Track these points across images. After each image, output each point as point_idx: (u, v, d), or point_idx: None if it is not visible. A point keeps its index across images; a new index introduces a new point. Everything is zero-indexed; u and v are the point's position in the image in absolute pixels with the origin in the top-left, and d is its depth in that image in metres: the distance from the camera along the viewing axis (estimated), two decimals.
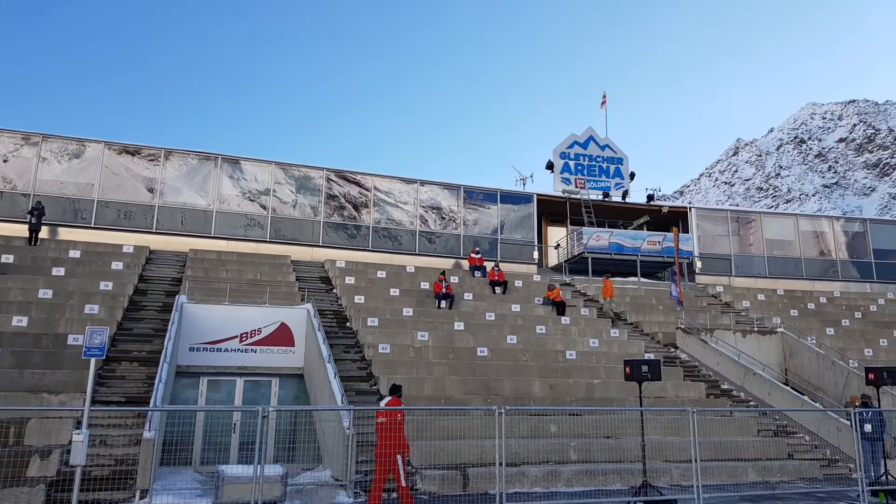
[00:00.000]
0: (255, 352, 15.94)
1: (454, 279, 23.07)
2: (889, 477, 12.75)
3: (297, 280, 21.30)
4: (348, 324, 18.76)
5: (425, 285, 21.90)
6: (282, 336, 16.27)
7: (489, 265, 24.15)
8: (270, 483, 9.51)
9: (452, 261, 25.84)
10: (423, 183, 26.85)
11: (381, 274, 22.82)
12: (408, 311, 19.37)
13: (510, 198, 27.93)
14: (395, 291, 21.12)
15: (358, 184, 26.18)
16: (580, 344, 19.15)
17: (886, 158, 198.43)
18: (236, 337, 15.79)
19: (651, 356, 18.45)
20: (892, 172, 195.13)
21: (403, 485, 9.50)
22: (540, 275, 26.22)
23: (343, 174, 26.13)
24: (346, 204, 25.87)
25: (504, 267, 24.73)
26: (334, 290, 21.47)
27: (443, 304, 20.46)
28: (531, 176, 29.73)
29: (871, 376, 13.57)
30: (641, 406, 12.52)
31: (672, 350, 21.07)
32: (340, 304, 20.25)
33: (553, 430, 14.23)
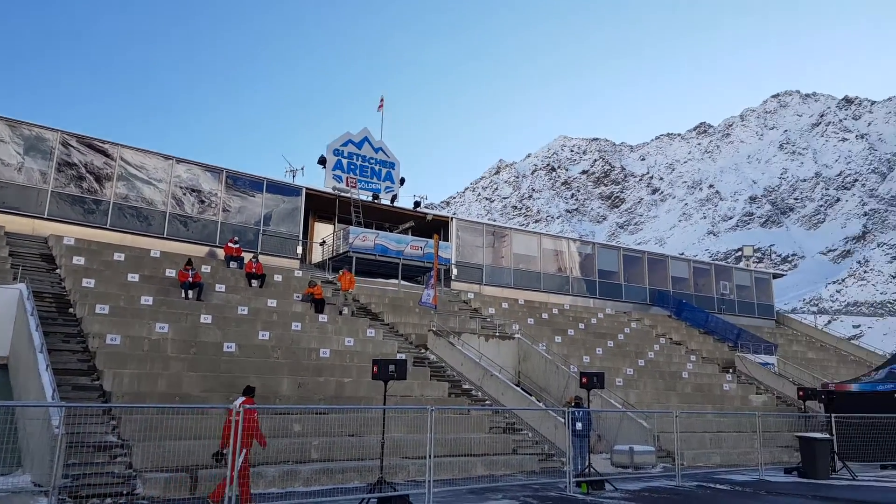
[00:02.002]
0: None
1: (206, 269, 21.61)
2: (592, 469, 14.50)
3: (10, 256, 18.28)
4: (72, 310, 16.55)
5: (172, 272, 20.17)
6: None
7: (247, 256, 23.05)
8: None
9: (207, 248, 24.18)
10: (180, 161, 24.74)
11: (120, 256, 20.52)
12: (147, 300, 17.66)
13: (278, 188, 26.99)
14: (133, 277, 19.14)
15: (104, 153, 23.31)
16: (335, 342, 19.05)
17: (617, 192, 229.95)
18: None
19: (402, 356, 18.96)
20: (620, 205, 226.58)
21: (233, 476, 9.39)
22: (302, 270, 25.69)
23: (86, 140, 23.07)
24: (87, 174, 22.88)
25: (265, 260, 23.79)
26: (58, 271, 18.84)
27: (190, 294, 19.02)
28: (302, 169, 29.05)
29: (584, 380, 15.33)
30: (385, 405, 12.76)
31: (423, 351, 21.93)
32: (64, 287, 17.81)
33: (297, 429, 13.91)
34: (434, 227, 29.62)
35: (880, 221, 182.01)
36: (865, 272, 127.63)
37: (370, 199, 29.16)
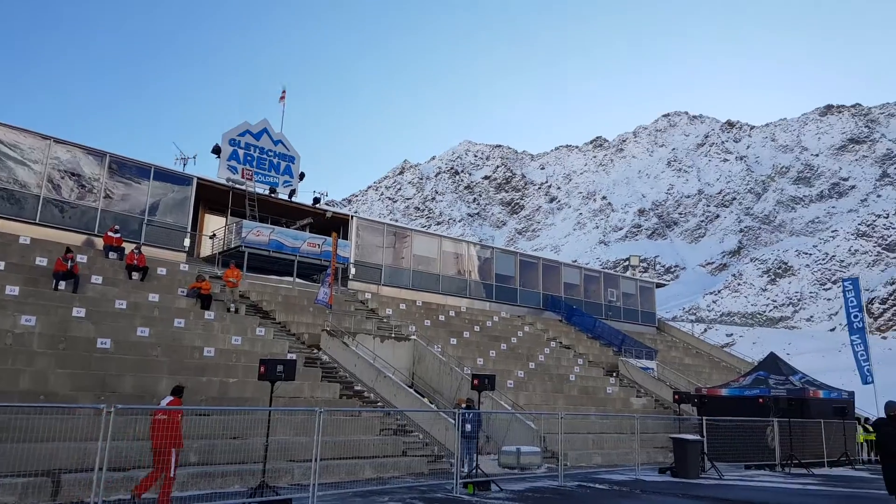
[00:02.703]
0: None
1: (83, 258, 20.16)
2: (479, 470, 14.69)
3: None
4: None
5: (43, 261, 18.68)
6: None
7: (129, 247, 21.71)
8: None
9: (84, 237, 22.57)
10: (59, 142, 22.97)
11: None
12: (13, 290, 16.25)
13: (167, 177, 25.59)
14: None
15: None
16: (221, 341, 18.28)
17: (517, 199, 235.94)
18: None
19: (293, 356, 18.48)
20: (520, 211, 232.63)
21: (172, 476, 9.94)
22: (189, 264, 24.48)
23: None
24: None
25: (149, 252, 22.48)
26: None
27: (62, 285, 17.67)
28: (194, 157, 27.67)
29: (475, 382, 15.53)
30: (271, 406, 12.36)
31: (315, 351, 21.47)
32: None
33: None
34: (334, 224, 29.13)
35: (754, 238, 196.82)
36: (739, 284, 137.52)
37: (267, 192, 28.27)
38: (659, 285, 47.36)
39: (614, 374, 30.35)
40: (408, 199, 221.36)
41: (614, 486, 15.33)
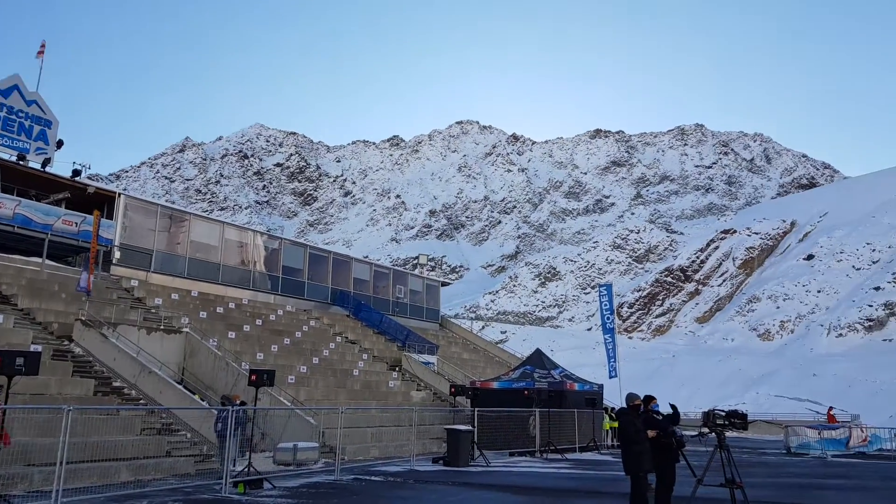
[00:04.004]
0: None
1: None
2: (251, 469, 13.99)
3: None
4: None
5: None
6: None
7: None
8: None
9: None
10: None
11: None
12: None
13: None
14: None
15: None
16: None
17: (311, 190, 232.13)
18: None
19: (38, 348, 16.17)
20: (313, 203, 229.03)
21: None
22: None
23: None
24: None
25: None
26: None
27: None
28: None
29: (253, 377, 14.78)
30: (7, 404, 10.64)
31: (67, 343, 19.02)
32: None
33: None
34: (96, 201, 26.06)
35: (529, 244, 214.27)
36: (514, 286, 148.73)
37: (14, 158, 24.44)
38: (444, 284, 49.38)
39: (397, 369, 30.96)
40: (188, 180, 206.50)
41: (389, 478, 15.52)
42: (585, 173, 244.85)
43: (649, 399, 10.58)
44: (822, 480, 16.72)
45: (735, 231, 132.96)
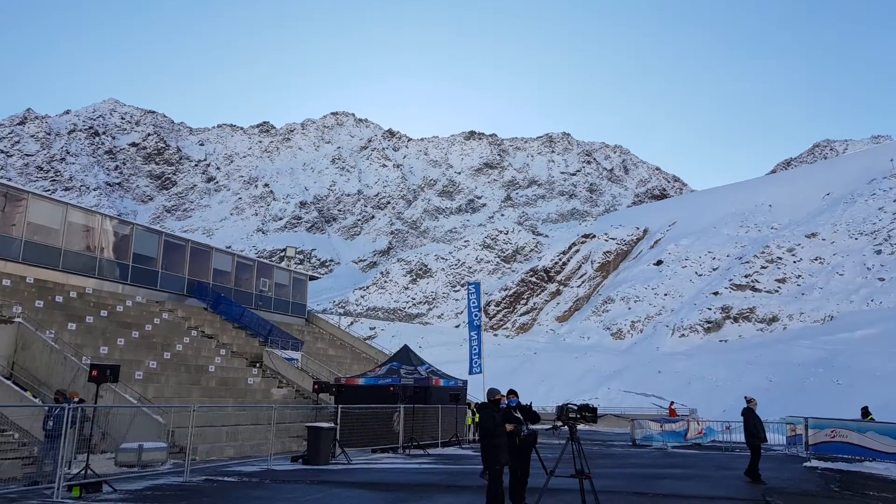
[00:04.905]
0: None
1: None
2: (90, 470, 12.84)
3: None
4: None
5: None
6: None
7: None
8: None
9: None
10: None
11: None
12: None
13: None
14: None
15: None
16: None
17: (170, 174, 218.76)
18: None
19: None
20: (171, 187, 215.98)
21: None
22: None
23: None
24: None
25: None
26: None
27: None
28: None
29: (94, 373, 13.60)
30: None
31: None
32: None
33: None
34: None
35: (402, 240, 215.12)
36: (386, 282, 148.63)
37: None
38: (312, 278, 48.26)
39: (258, 365, 29.82)
40: (28, 155, 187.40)
41: (244, 478, 14.87)
42: (459, 173, 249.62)
43: (511, 393, 10.88)
44: (661, 470, 17.99)
45: (594, 236, 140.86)
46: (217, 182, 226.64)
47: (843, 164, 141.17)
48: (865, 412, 24.83)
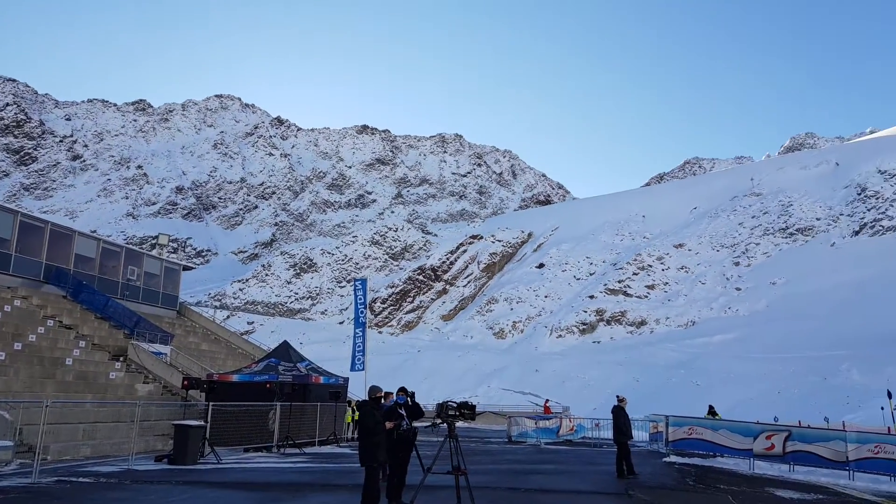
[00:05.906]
0: None
1: None
2: None
3: None
4: None
5: None
6: None
7: None
8: None
9: None
10: None
11: None
12: None
13: None
14: None
15: None
16: None
17: (30, 148, 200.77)
18: None
19: None
20: (31, 163, 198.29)
21: None
22: None
23: None
24: None
25: None
26: None
27: None
28: None
29: None
30: None
31: None
32: None
33: None
34: None
35: (286, 233, 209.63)
36: (267, 275, 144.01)
37: None
38: (187, 268, 45.77)
39: (121, 359, 27.86)
40: None
41: (101, 479, 13.82)
42: (350, 167, 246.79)
43: (401, 391, 10.89)
44: (534, 466, 18.54)
45: (482, 237, 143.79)
46: (84, 161, 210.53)
47: (709, 181, 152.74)
48: (711, 410, 26.95)
